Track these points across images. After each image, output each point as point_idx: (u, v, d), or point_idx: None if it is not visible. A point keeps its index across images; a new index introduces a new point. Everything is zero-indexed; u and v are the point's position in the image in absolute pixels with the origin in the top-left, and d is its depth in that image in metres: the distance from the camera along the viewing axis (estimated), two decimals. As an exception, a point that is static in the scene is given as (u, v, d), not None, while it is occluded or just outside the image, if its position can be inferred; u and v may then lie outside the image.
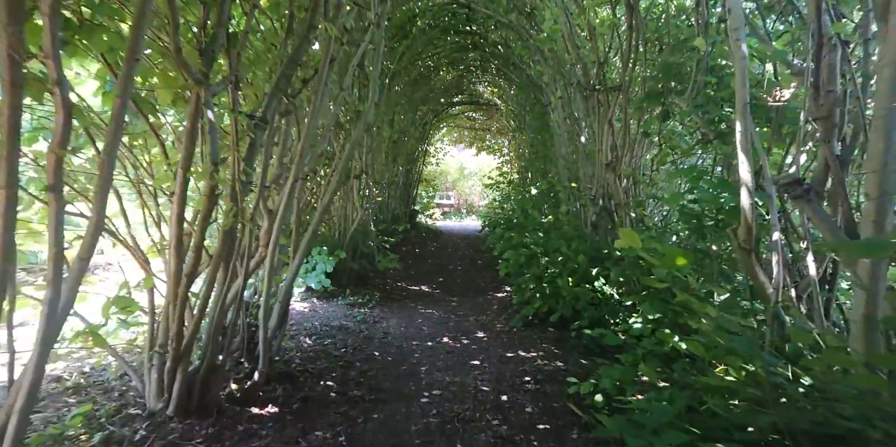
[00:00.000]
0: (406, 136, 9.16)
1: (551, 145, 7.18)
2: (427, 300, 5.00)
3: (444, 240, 10.56)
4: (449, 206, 18.90)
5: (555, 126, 6.38)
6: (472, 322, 4.21)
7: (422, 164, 12.26)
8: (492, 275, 6.62)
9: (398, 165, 9.16)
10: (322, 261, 4.25)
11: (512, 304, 4.81)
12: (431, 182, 14.77)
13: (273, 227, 2.41)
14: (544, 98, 6.44)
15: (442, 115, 11.73)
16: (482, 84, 10.34)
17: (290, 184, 2.41)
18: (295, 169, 2.42)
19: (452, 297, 5.21)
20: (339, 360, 2.94)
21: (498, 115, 12.33)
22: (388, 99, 6.66)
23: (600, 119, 4.33)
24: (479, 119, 13.22)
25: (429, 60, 7.79)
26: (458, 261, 7.75)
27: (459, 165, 19.44)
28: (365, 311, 4.14)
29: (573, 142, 5.64)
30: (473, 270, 7.04)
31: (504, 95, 10.24)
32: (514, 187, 11.54)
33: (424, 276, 6.35)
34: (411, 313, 4.35)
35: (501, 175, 12.87)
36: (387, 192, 8.70)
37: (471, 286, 5.93)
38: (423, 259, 7.80)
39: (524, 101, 8.53)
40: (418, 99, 8.83)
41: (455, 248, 9.40)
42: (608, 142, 4.21)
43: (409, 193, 10.98)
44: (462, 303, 4.95)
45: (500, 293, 5.52)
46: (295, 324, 3.50)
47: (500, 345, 3.56)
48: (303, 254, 2.71)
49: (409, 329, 3.82)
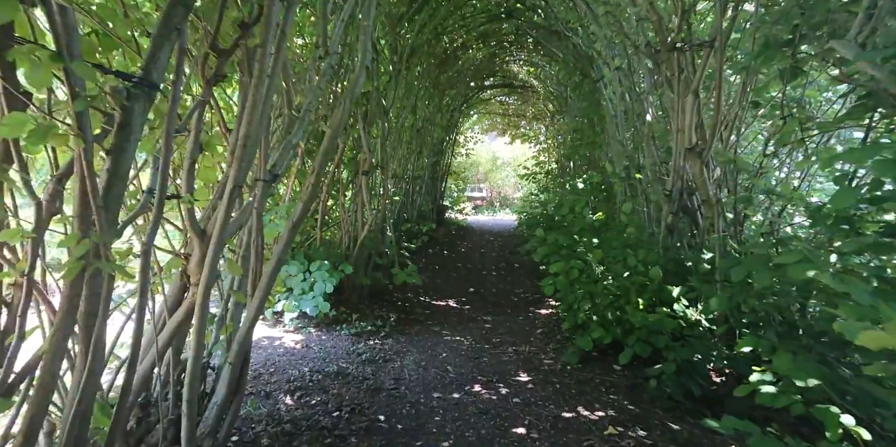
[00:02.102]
0: (431, 124, 8.21)
1: (601, 129, 6.07)
2: (454, 321, 4.10)
3: (476, 240, 9.62)
4: (481, 199, 17.86)
5: (608, 105, 5.28)
6: (511, 355, 3.28)
7: (450, 156, 11.30)
8: (531, 283, 5.65)
9: (423, 157, 8.24)
10: (322, 278, 3.41)
11: (560, 326, 3.85)
12: (461, 174, 13.77)
13: (207, 257, 1.55)
14: (595, 72, 5.34)
15: (472, 100, 10.69)
16: (517, 63, 9.22)
17: (229, 192, 1.54)
18: (234, 171, 1.54)
19: (486, 316, 4.28)
20: (328, 436, 2.08)
21: (534, 99, 11.17)
22: (408, 81, 5.73)
23: (679, 90, 3.26)
24: (512, 104, 12.08)
25: (455, 34, 6.79)
26: (491, 265, 6.81)
27: (492, 155, 18.33)
28: (374, 344, 3.27)
29: (632, 123, 4.56)
30: (510, 276, 6.08)
31: (542, 75, 9.10)
32: (552, 178, 10.44)
33: (452, 287, 5.44)
34: (434, 343, 3.46)
35: (538, 165, 11.78)
36: (410, 188, 7.81)
37: (507, 299, 4.98)
38: (452, 263, 6.90)
39: (566, 80, 7.40)
40: (445, 82, 7.84)
41: (488, 248, 8.45)
42: (692, 119, 3.14)
43: (437, 188, 10.06)
44: (497, 324, 4.03)
45: (544, 309, 4.56)
46: (276, 371, 2.66)
47: (551, 396, 2.62)
48: (265, 291, 1.85)
49: (430, 370, 2.93)
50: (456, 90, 8.80)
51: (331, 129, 2.03)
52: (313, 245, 3.99)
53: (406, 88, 5.82)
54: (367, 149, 3.96)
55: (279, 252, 1.91)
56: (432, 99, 7.60)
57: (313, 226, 4.05)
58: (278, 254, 1.90)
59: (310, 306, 3.27)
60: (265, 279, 1.86)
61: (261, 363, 2.76)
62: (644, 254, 3.45)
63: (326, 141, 2.02)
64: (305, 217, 2.05)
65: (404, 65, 5.27)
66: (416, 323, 3.94)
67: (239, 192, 1.59)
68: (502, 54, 8.48)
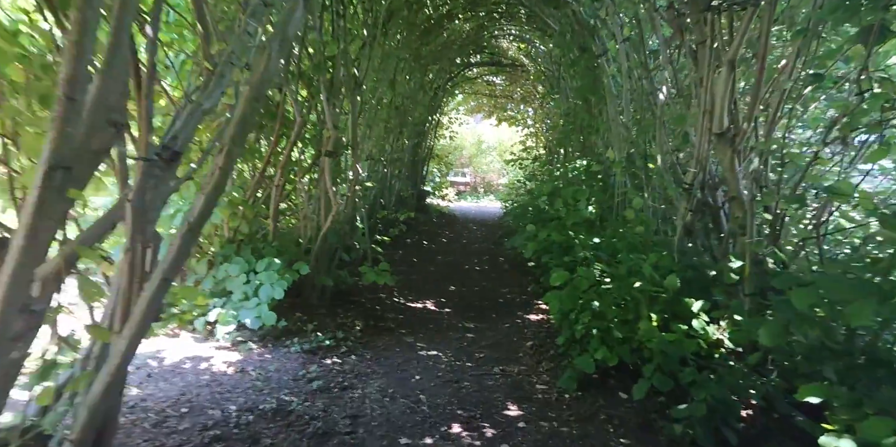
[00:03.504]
0: (413, 102, 7.51)
1: (599, 111, 5.50)
2: (431, 329, 3.54)
3: (459, 229, 9.04)
4: (464, 184, 17.23)
5: (609, 84, 4.70)
6: (497, 378, 2.74)
7: (433, 138, 10.60)
8: (518, 281, 5.13)
9: (403, 138, 7.55)
10: (270, 281, 2.78)
11: (553, 337, 3.33)
12: (444, 158, 13.07)
13: (4, 276, 0.92)
14: (597, 45, 4.73)
15: (457, 78, 9.95)
16: (507, 38, 8.52)
17: (42, 177, 0.91)
18: (51, 140, 0.91)
19: (467, 322, 3.73)
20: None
21: (522, 80, 10.51)
22: (385, 50, 5.02)
23: (708, 62, 2.68)
24: (500, 84, 11.38)
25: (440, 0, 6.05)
26: (474, 258, 6.25)
27: (477, 139, 17.63)
28: (331, 365, 2.67)
29: (640, 104, 3.98)
30: (495, 273, 5.54)
31: (533, 53, 8.42)
32: (540, 164, 9.87)
33: (430, 284, 4.87)
34: (406, 360, 2.89)
35: (525, 150, 11.21)
36: (389, 172, 7.15)
37: (492, 299, 4.44)
38: (432, 256, 6.32)
39: (560, 57, 6.75)
40: (428, 55, 7.11)
41: (471, 239, 7.89)
42: (725, 98, 2.57)
43: (418, 172, 9.39)
44: (481, 334, 3.48)
45: (533, 313, 4.04)
46: (191, 412, 2.01)
47: (547, 441, 2.09)
48: (141, 325, 1.23)
49: (398, 401, 2.36)
50: (440, 66, 8.06)
51: (251, 87, 1.39)
52: (267, 237, 3.34)
53: (383, 58, 5.12)
54: (332, 125, 3.30)
55: (167, 265, 1.28)
56: (413, 74, 6.89)
57: (266, 216, 3.39)
58: (164, 268, 1.27)
59: (251, 316, 2.64)
60: (142, 306, 1.24)
61: (172, 400, 2.12)
62: (653, 259, 2.93)
63: (243, 104, 1.38)
64: (209, 215, 1.41)
65: (380, 30, 4.56)
66: (387, 332, 3.36)
67: (65, 177, 0.95)
68: (491, 27, 7.77)
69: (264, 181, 3.28)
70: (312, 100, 3.33)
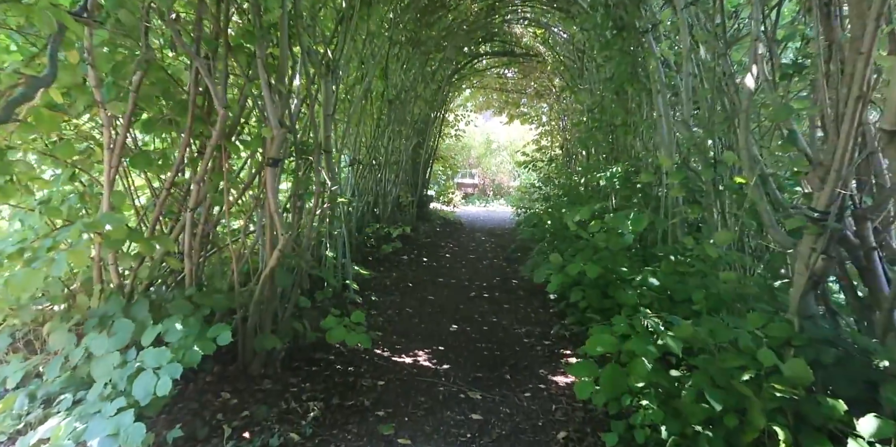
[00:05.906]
0: (414, 95, 6.48)
1: (639, 104, 4.43)
2: (421, 406, 2.52)
3: (464, 240, 8.00)
4: (472, 186, 16.16)
5: (658, 69, 3.63)
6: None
7: (437, 137, 9.57)
8: (537, 315, 4.11)
9: (401, 138, 6.54)
10: (158, 362, 1.77)
11: (595, 425, 2.31)
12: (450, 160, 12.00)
13: None
14: (644, 17, 3.67)
15: (464, 70, 8.89)
16: (520, 23, 7.44)
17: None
18: None
19: (473, 390, 2.71)
20: None
21: (537, 73, 9.43)
22: (369, 28, 3.99)
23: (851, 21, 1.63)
24: (511, 78, 10.29)
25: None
26: (483, 282, 5.22)
27: (485, 138, 16.54)
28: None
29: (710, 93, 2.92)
30: (508, 302, 4.50)
31: (551, 40, 7.34)
32: (556, 167, 8.81)
33: (427, 322, 3.85)
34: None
35: (539, 150, 10.17)
36: (383, 177, 6.13)
37: (507, 346, 3.41)
38: (432, 278, 5.29)
39: (588, 40, 5.67)
40: (429, 41, 6.07)
41: (479, 254, 6.85)
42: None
43: (420, 175, 8.37)
44: (492, 413, 2.46)
45: (562, 375, 3.00)
46: None
47: None
48: None
49: None
50: (444, 55, 7.02)
51: None
52: (181, 284, 2.33)
53: (369, 39, 4.10)
54: (277, 122, 2.28)
55: None
56: (411, 62, 5.85)
57: (169, 252, 2.36)
58: None
59: (102, 434, 1.60)
60: None
61: None
62: (761, 323, 1.90)
63: None
64: None
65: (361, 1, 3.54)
66: (356, 415, 2.36)
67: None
68: (503, 9, 6.70)
69: (175, 203, 2.27)
70: (249, 84, 2.31)
